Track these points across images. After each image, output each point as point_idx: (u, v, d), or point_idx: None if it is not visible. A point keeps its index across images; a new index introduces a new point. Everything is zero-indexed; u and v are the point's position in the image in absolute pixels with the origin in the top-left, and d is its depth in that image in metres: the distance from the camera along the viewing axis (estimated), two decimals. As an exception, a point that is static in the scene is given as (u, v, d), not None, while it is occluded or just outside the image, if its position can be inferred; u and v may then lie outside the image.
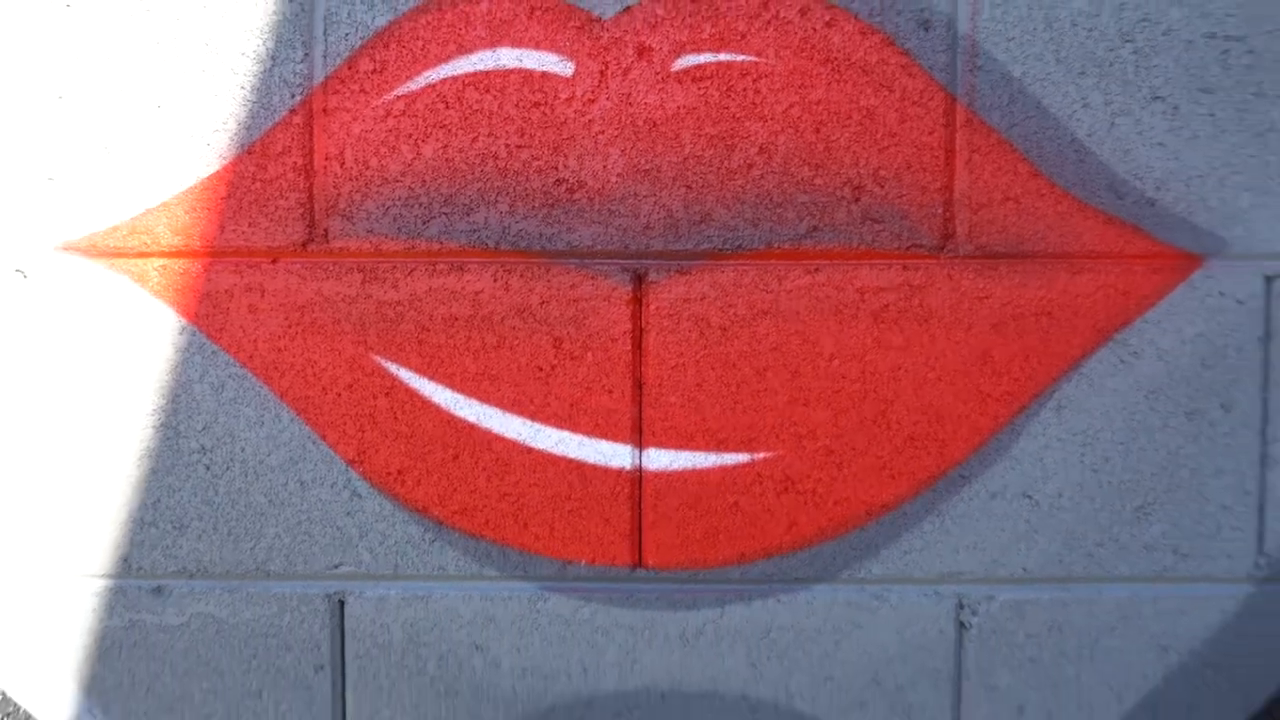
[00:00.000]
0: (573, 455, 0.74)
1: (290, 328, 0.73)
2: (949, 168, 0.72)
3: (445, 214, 0.73)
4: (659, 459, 0.74)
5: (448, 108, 0.72)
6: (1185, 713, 0.76)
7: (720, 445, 0.74)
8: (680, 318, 0.73)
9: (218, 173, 0.73)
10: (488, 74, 0.72)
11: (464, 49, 0.72)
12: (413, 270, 0.73)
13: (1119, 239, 0.73)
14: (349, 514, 0.75)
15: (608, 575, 0.75)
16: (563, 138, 0.73)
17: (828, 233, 0.73)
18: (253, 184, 0.73)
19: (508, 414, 0.74)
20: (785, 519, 0.75)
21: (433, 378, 0.73)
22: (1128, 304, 0.73)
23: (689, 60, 0.72)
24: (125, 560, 0.75)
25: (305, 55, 0.72)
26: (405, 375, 0.73)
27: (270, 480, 0.74)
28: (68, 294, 0.73)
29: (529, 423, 0.74)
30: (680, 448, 0.74)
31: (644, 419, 0.74)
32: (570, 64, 0.72)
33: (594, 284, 0.73)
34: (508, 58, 0.72)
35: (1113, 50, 0.72)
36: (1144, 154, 0.72)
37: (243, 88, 0.72)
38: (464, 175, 0.73)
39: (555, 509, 0.74)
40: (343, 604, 0.75)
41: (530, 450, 0.74)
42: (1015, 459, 0.75)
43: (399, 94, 0.72)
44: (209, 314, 0.73)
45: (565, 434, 0.74)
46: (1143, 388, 0.74)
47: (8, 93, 0.72)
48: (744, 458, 0.74)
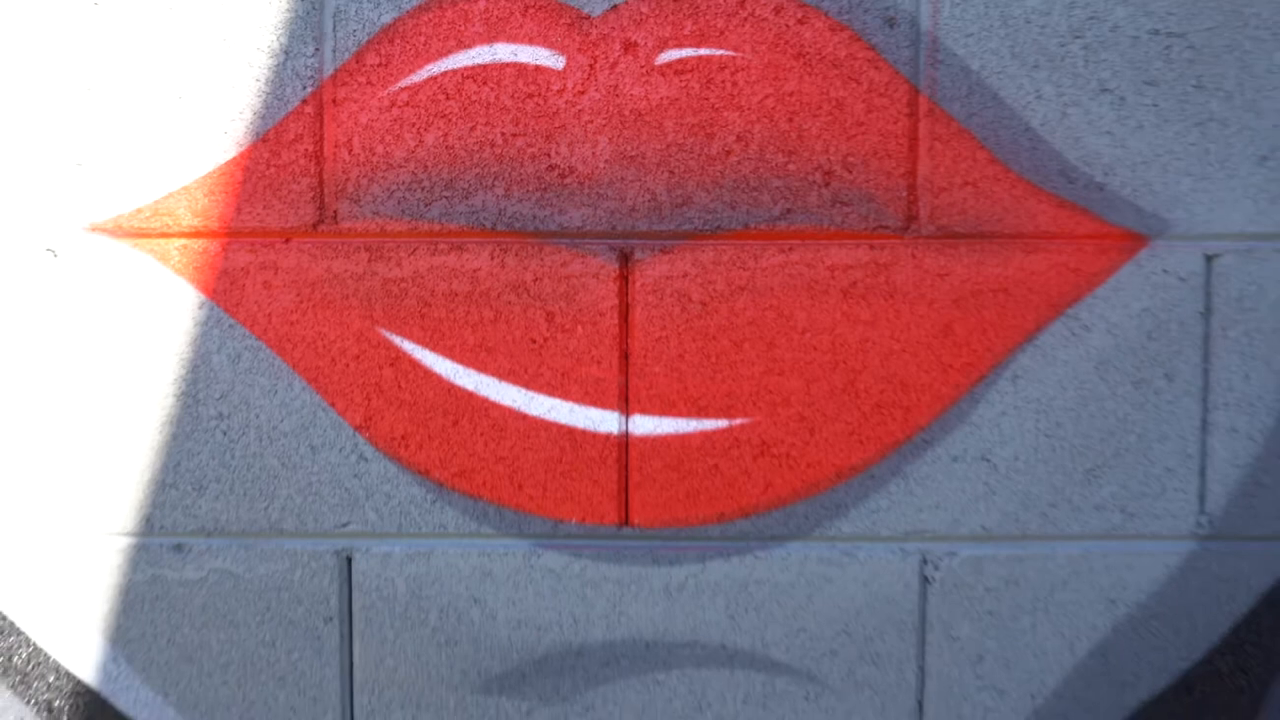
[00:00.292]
0: (564, 421, 0.80)
1: (302, 303, 0.79)
2: (912, 154, 0.78)
3: (446, 197, 0.78)
4: (644, 425, 0.80)
5: (448, 99, 0.78)
6: (1132, 661, 0.82)
7: (701, 412, 0.80)
8: (664, 293, 0.79)
9: (234, 159, 0.79)
10: (485, 67, 0.78)
11: (463, 44, 0.78)
12: (415, 249, 0.78)
13: (1070, 220, 0.79)
14: (356, 476, 0.80)
15: (596, 533, 0.81)
16: (555, 126, 0.78)
17: (800, 215, 0.79)
18: (267, 169, 0.79)
19: (504, 383, 0.79)
20: (761, 481, 0.80)
21: (434, 349, 0.79)
22: (1079, 281, 0.79)
23: (671, 55, 0.78)
24: (148, 519, 0.81)
25: (316, 50, 0.78)
26: (408, 347, 0.79)
27: (283, 445, 0.80)
28: (95, 272, 0.79)
29: (523, 391, 0.79)
30: (663, 414, 0.80)
31: (630, 388, 0.80)
32: (561, 58, 0.78)
33: (584, 262, 0.79)
34: (503, 52, 0.78)
35: (1064, 46, 0.78)
36: (1093, 142, 0.78)
37: (258, 80, 0.78)
38: (463, 161, 0.78)
39: (548, 471, 0.80)
40: (350, 560, 0.81)
41: (524, 417, 0.80)
42: (974, 425, 0.80)
43: (403, 86, 0.78)
44: (226, 290, 0.79)
45: (557, 401, 0.79)
46: (1092, 359, 0.80)
47: (40, 85, 0.78)
48: (723, 424, 0.80)
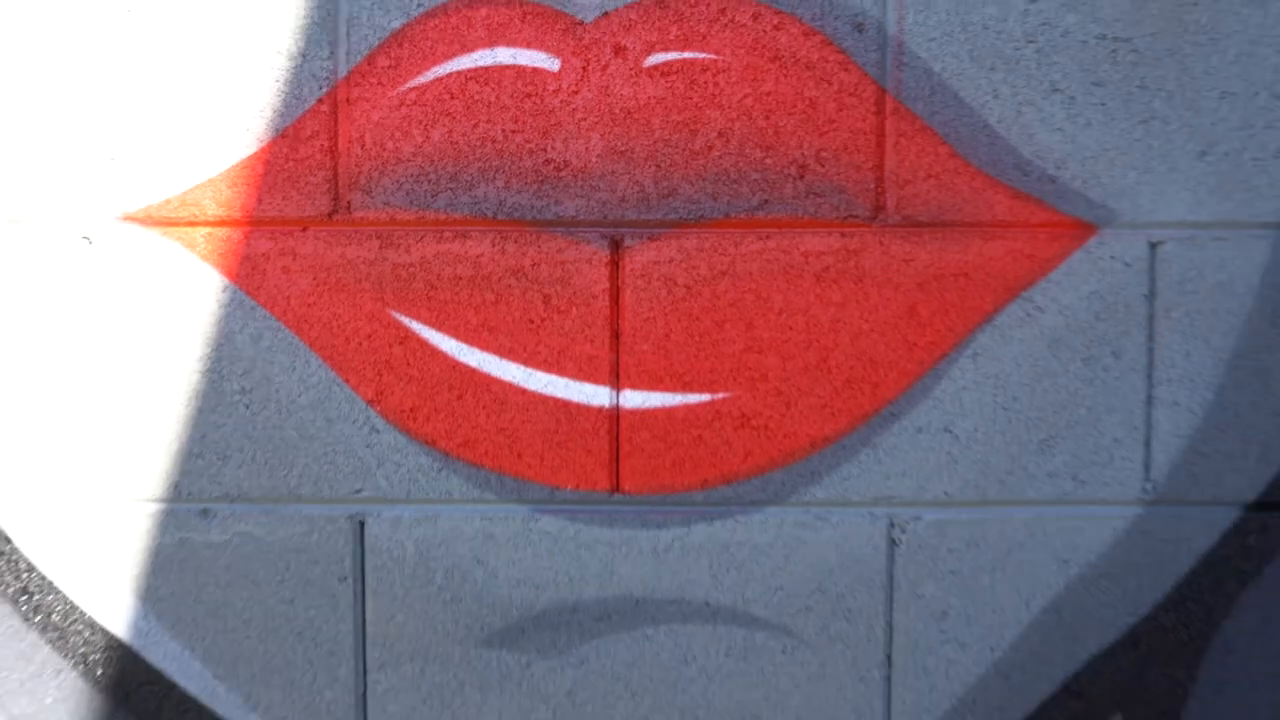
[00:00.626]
0: (560, 395, 0.86)
1: (318, 286, 0.85)
2: (879, 149, 0.85)
3: (451, 189, 0.85)
4: (633, 399, 0.87)
5: (452, 98, 0.85)
6: (1084, 617, 0.89)
7: (685, 387, 0.87)
8: (651, 278, 0.86)
9: (256, 153, 0.85)
10: (486, 69, 0.85)
11: (466, 48, 0.84)
12: (423, 237, 0.85)
13: (1025, 210, 0.86)
14: (368, 446, 0.87)
15: (590, 499, 0.88)
16: (550, 124, 0.85)
17: (777, 205, 0.85)
18: (286, 163, 0.85)
19: (504, 360, 0.86)
20: (741, 450, 0.87)
21: (440, 329, 0.86)
22: (1033, 266, 0.86)
23: (658, 58, 0.84)
24: (176, 486, 0.87)
25: (331, 53, 0.84)
26: (416, 327, 0.86)
27: (301, 417, 0.87)
28: (126, 258, 0.86)
29: (522, 367, 0.86)
30: (651, 389, 0.87)
31: (620, 364, 0.86)
32: (557, 61, 0.85)
33: (578, 249, 0.86)
34: (503, 55, 0.84)
35: (1018, 49, 0.84)
36: (1045, 138, 0.85)
37: (277, 81, 0.85)
38: (466, 156, 0.85)
39: (545, 442, 0.87)
40: (363, 524, 0.88)
41: (523, 391, 0.86)
42: (937, 399, 0.87)
43: (411, 86, 0.85)
44: (248, 275, 0.86)
45: (553, 377, 0.86)
46: (1046, 338, 0.87)
47: (77, 85, 0.84)
48: (706, 397, 0.87)
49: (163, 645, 0.88)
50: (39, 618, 0.88)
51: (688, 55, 0.84)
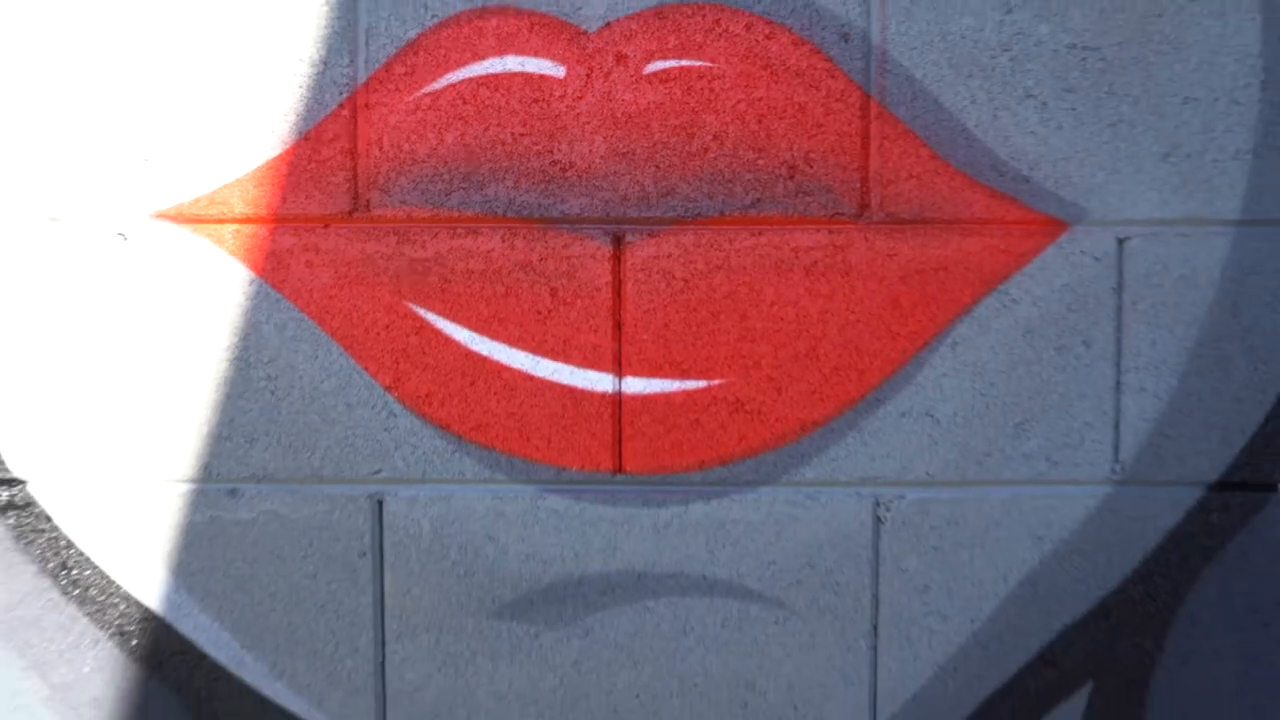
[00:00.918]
0: (565, 382, 0.92)
1: (339, 279, 0.91)
2: (864, 151, 0.91)
3: (463, 188, 0.91)
4: (634, 385, 0.92)
5: (465, 103, 0.90)
6: (1057, 590, 0.95)
7: (684, 374, 0.92)
8: (651, 271, 0.92)
9: (280, 155, 0.91)
10: (496, 76, 0.90)
11: (478, 56, 0.90)
12: (437, 233, 0.91)
13: (1001, 208, 0.91)
14: (386, 430, 0.93)
15: (594, 479, 0.93)
16: (557, 127, 0.91)
17: (769, 203, 0.91)
18: (309, 164, 0.91)
19: (514, 349, 0.92)
20: (736, 433, 0.93)
21: (453, 320, 0.91)
22: (1009, 260, 0.92)
23: (657, 65, 0.90)
24: (206, 468, 0.93)
25: (351, 61, 0.90)
26: (431, 318, 0.91)
27: (323, 403, 0.92)
28: (159, 253, 0.91)
29: (531, 356, 0.92)
30: (651, 376, 0.92)
31: (622, 353, 0.92)
32: (562, 68, 0.90)
33: (582, 244, 0.91)
34: (512, 63, 0.90)
35: (994, 58, 0.90)
36: (1020, 140, 0.91)
37: (301, 87, 0.90)
38: (478, 157, 0.91)
39: (552, 425, 0.93)
40: (381, 503, 0.93)
41: (532, 378, 0.92)
42: (919, 385, 0.93)
43: (426, 92, 0.90)
44: (273, 269, 0.91)
45: (560, 365, 0.92)
46: (1021, 328, 0.92)
47: (113, 90, 0.90)
48: (702, 384, 0.92)
49: (193, 617, 0.94)
50: (77, 591, 0.94)
51: (685, 63, 0.90)
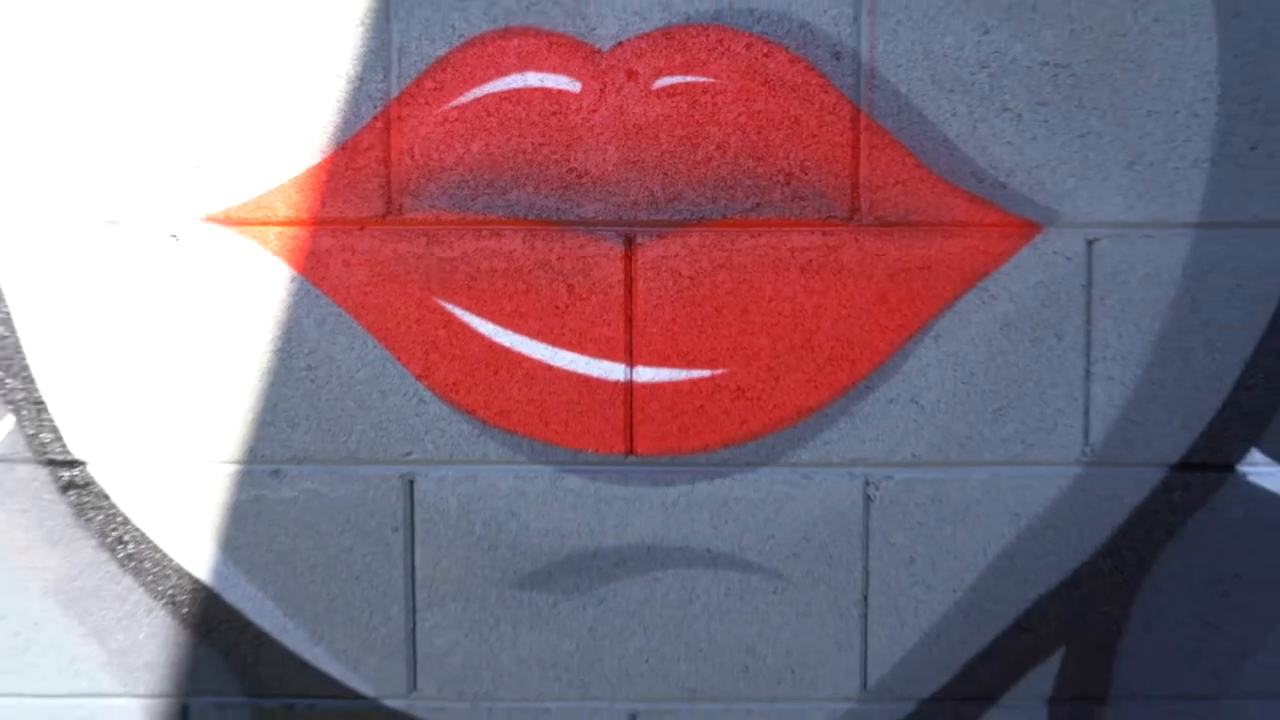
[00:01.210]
0: (581, 371, 1.00)
1: (374, 277, 0.99)
2: (855, 160, 0.99)
3: (487, 193, 0.99)
4: (645, 374, 1.01)
5: (489, 115, 0.98)
6: (1032, 562, 1.03)
7: (690, 364, 1.01)
8: (660, 270, 1.00)
9: (320, 163, 0.99)
10: (517, 91, 0.98)
11: (500, 72, 0.98)
12: (464, 235, 0.99)
13: (980, 212, 1.00)
14: (417, 415, 1.01)
15: (608, 460, 1.01)
16: (573, 138, 0.99)
17: (767, 207, 0.99)
18: (346, 171, 0.99)
19: (534, 341, 1.00)
20: (738, 418, 1.01)
21: (479, 314, 1.00)
22: (987, 260, 1.00)
23: (665, 81, 0.98)
24: (251, 450, 1.01)
25: (384, 77, 0.98)
26: (458, 312, 1.00)
27: (359, 391, 1.01)
28: (208, 253, 0.99)
29: (549, 347, 1.00)
30: (660, 365, 1.01)
31: (634, 344, 1.00)
32: (578, 83, 0.98)
33: (597, 245, 1.00)
34: (532, 79, 0.98)
35: (973, 74, 0.98)
36: (997, 150, 0.99)
37: (338, 101, 0.98)
38: (501, 165, 0.99)
39: (569, 411, 1.01)
40: (412, 483, 1.01)
41: (550, 368, 1.00)
42: (905, 374, 1.01)
43: (453, 105, 0.98)
44: (313, 268, 0.99)
45: (576, 355, 1.00)
46: (998, 321, 1.01)
47: (166, 103, 0.98)
48: (707, 373, 1.01)
49: (240, 587, 1.02)
50: (133, 564, 1.02)
51: (690, 79, 0.98)
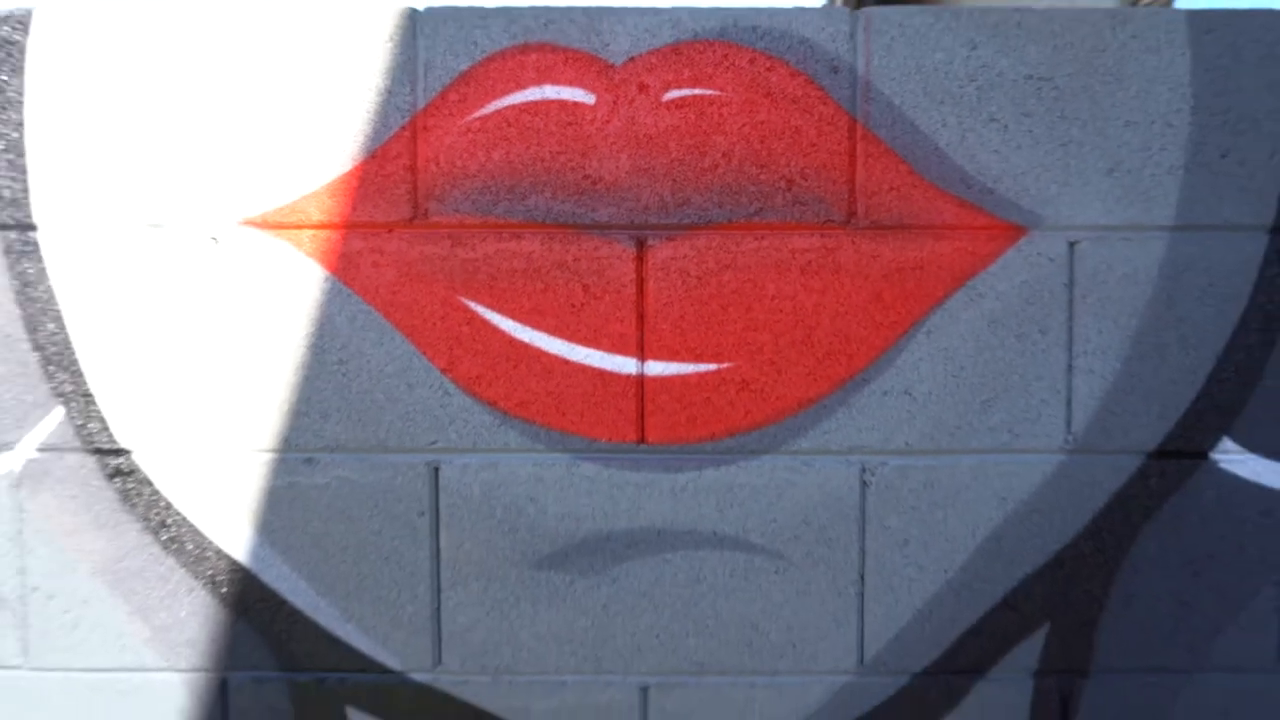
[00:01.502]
0: (596, 365, 1.07)
1: (401, 277, 1.06)
2: (851, 167, 1.06)
3: (508, 199, 1.06)
4: (655, 368, 1.07)
5: (509, 126, 1.05)
6: (1018, 544, 1.09)
7: (697, 358, 1.07)
8: (669, 270, 1.06)
9: (351, 171, 1.06)
10: (536, 103, 1.05)
11: (520, 86, 1.05)
12: (486, 237, 1.06)
13: (969, 216, 1.06)
14: (442, 407, 1.07)
15: (621, 449, 1.08)
16: (588, 147, 1.05)
17: (770, 211, 1.06)
18: (375, 178, 1.06)
19: (551, 337, 1.07)
20: (742, 409, 1.08)
21: (500, 311, 1.06)
22: (975, 260, 1.07)
23: (674, 94, 1.05)
24: (286, 439, 1.07)
25: (411, 90, 1.05)
26: (481, 310, 1.06)
27: (387, 383, 1.07)
28: (246, 255, 1.06)
29: (566, 343, 1.07)
30: (670, 360, 1.07)
31: (645, 340, 1.07)
32: (592, 96, 1.05)
33: (610, 247, 1.06)
34: (550, 92, 1.05)
35: (962, 87, 1.05)
36: (985, 158, 1.06)
37: (368, 112, 1.05)
38: (520, 172, 1.06)
39: (584, 402, 1.07)
40: (438, 470, 1.08)
41: (567, 362, 1.07)
42: (899, 367, 1.08)
43: (476, 116, 1.05)
44: (345, 268, 1.06)
45: (591, 350, 1.07)
46: (986, 318, 1.07)
47: (207, 115, 1.05)
48: (713, 366, 1.07)
49: (275, 568, 1.09)
50: (175, 546, 1.08)
51: (698, 92, 1.05)
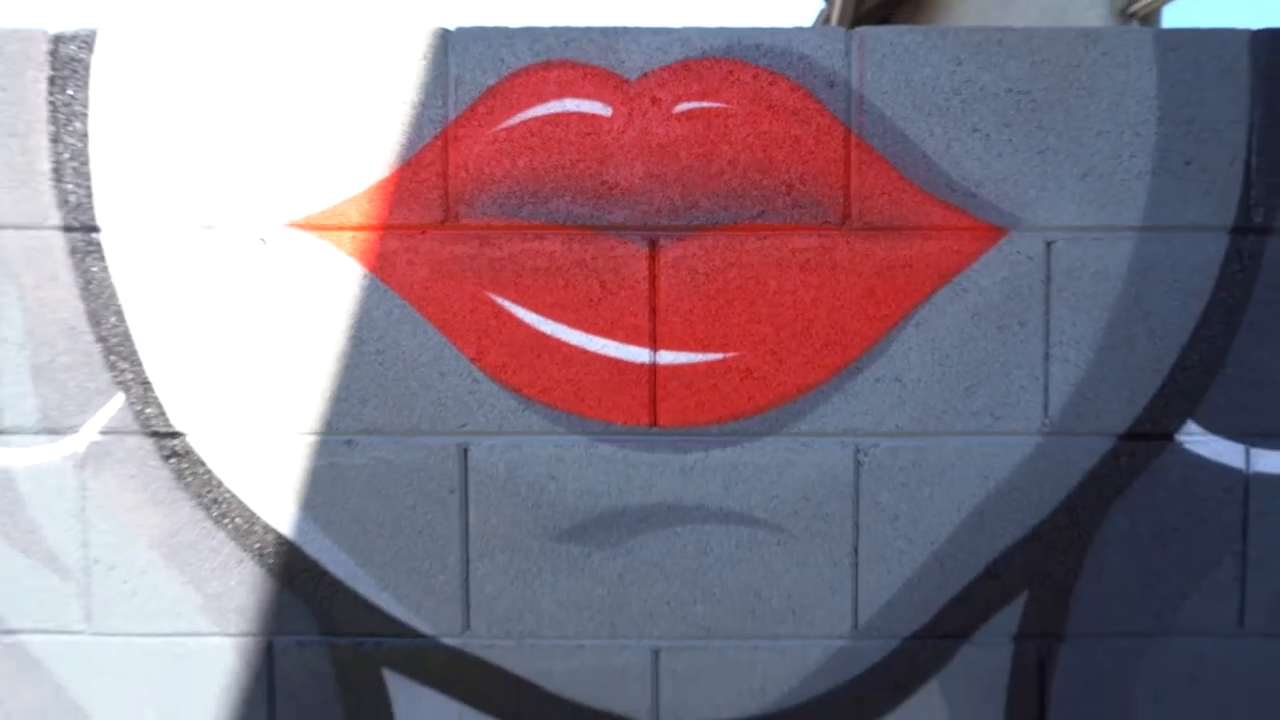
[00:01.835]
0: (612, 354, 1.17)
1: (434, 274, 1.15)
2: (846, 173, 1.15)
3: (532, 202, 1.15)
4: (667, 357, 1.17)
5: (533, 136, 1.15)
6: (999, 519, 1.19)
7: (705, 348, 1.17)
8: (679, 268, 1.16)
9: (388, 177, 1.15)
10: (557, 115, 1.15)
11: (542, 99, 1.14)
12: (511, 238, 1.15)
13: (954, 218, 1.16)
14: (471, 393, 1.17)
15: (635, 431, 1.17)
16: (605, 155, 1.15)
17: (772, 214, 1.16)
18: (410, 184, 1.15)
19: (571, 329, 1.16)
20: (746, 395, 1.17)
21: (524, 306, 1.16)
22: (960, 259, 1.16)
23: (684, 106, 1.14)
24: (328, 423, 1.17)
25: (443, 103, 1.14)
26: (507, 304, 1.16)
27: (421, 372, 1.17)
28: (291, 254, 1.16)
29: (584, 334, 1.16)
30: (680, 350, 1.17)
31: (657, 332, 1.16)
32: (609, 109, 1.14)
33: (625, 247, 1.16)
34: (570, 104, 1.14)
35: (948, 100, 1.15)
36: (968, 165, 1.15)
37: (403, 123, 1.15)
38: (543, 178, 1.15)
39: (601, 388, 1.17)
40: (467, 450, 1.18)
41: (585, 351, 1.16)
42: (890, 356, 1.17)
43: (502, 127, 1.15)
44: (382, 266, 1.15)
45: (607, 341, 1.16)
46: (970, 311, 1.17)
47: (256, 127, 1.14)
48: (719, 356, 1.17)
49: (318, 541, 1.18)
50: (225, 521, 1.18)
51: (705, 104, 1.14)
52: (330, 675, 1.19)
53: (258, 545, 1.18)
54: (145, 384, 1.16)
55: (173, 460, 1.17)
